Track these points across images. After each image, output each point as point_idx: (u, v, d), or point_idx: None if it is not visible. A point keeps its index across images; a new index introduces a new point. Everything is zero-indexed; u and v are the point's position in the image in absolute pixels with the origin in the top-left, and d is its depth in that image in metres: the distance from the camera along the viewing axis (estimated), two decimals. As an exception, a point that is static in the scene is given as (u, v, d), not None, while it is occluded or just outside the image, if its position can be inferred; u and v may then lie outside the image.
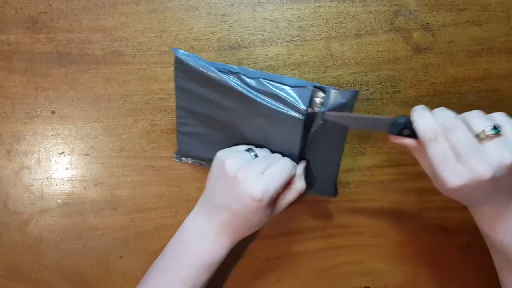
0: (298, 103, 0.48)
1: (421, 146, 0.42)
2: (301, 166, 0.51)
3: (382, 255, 0.56)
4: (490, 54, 0.55)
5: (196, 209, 0.50)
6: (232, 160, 0.47)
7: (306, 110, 0.48)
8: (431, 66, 0.56)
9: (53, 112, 0.56)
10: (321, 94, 0.49)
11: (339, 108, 0.48)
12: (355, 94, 0.48)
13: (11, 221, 0.55)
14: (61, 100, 0.55)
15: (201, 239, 0.48)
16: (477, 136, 0.39)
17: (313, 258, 0.56)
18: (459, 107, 0.55)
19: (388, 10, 0.55)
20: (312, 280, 0.56)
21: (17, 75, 0.55)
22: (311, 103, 0.49)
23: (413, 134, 0.42)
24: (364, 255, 0.56)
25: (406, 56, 0.56)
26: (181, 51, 0.51)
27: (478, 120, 0.40)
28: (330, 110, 0.48)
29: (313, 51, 0.55)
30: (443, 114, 0.42)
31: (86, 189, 0.56)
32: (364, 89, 0.56)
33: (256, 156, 0.49)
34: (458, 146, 0.39)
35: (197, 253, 0.48)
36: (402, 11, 0.55)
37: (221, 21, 0.55)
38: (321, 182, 0.53)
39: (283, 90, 0.49)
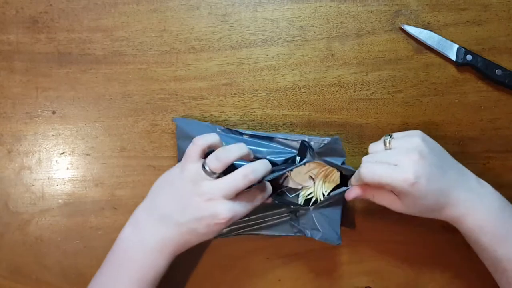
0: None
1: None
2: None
3: (383, 255, 0.56)
4: (491, 54, 0.55)
5: (133, 221, 0.48)
6: (193, 177, 0.45)
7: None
8: (432, 66, 0.56)
9: (53, 112, 0.56)
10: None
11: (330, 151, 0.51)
12: (337, 140, 0.50)
13: (12, 221, 0.55)
14: (62, 100, 0.55)
15: (143, 253, 0.46)
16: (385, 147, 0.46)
17: (314, 258, 0.56)
18: (461, 107, 0.56)
19: (389, 10, 0.55)
20: (313, 280, 0.56)
21: (17, 75, 0.55)
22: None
23: None
24: (365, 255, 0.56)
25: (407, 56, 0.55)
26: (181, 119, 0.54)
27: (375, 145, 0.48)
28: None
29: (314, 51, 0.55)
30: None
31: (87, 189, 0.56)
32: (365, 89, 0.56)
33: (213, 173, 0.46)
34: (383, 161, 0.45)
35: (138, 268, 0.46)
36: (403, 11, 0.55)
37: (222, 21, 0.55)
38: (326, 232, 0.53)
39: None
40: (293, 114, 0.56)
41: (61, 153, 0.56)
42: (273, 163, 0.51)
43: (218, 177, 0.46)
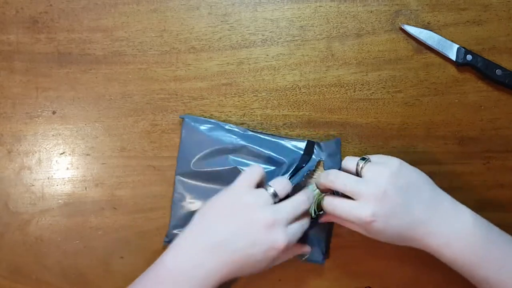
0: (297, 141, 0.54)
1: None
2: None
3: (383, 255, 0.56)
4: (491, 54, 0.55)
5: (176, 247, 0.45)
6: (254, 201, 0.44)
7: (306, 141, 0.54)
8: (432, 66, 0.56)
9: (54, 112, 0.56)
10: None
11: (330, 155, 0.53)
12: (339, 142, 0.53)
13: (12, 221, 0.55)
14: (62, 100, 0.55)
15: (181, 285, 0.43)
16: (357, 173, 0.47)
17: (314, 258, 0.56)
18: (461, 107, 0.56)
19: (389, 10, 0.55)
20: (313, 280, 0.56)
21: (17, 75, 0.55)
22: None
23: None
24: (365, 255, 0.56)
25: (407, 56, 0.55)
26: (188, 116, 0.54)
27: (350, 161, 0.48)
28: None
29: (314, 51, 0.55)
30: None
31: (87, 189, 0.56)
32: (365, 88, 0.56)
33: (275, 195, 0.46)
34: (348, 189, 0.45)
35: None
36: (403, 11, 0.55)
37: (222, 21, 0.55)
38: (312, 253, 0.54)
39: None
40: (293, 114, 0.56)
41: (61, 153, 0.56)
42: (277, 162, 0.52)
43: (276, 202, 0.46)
